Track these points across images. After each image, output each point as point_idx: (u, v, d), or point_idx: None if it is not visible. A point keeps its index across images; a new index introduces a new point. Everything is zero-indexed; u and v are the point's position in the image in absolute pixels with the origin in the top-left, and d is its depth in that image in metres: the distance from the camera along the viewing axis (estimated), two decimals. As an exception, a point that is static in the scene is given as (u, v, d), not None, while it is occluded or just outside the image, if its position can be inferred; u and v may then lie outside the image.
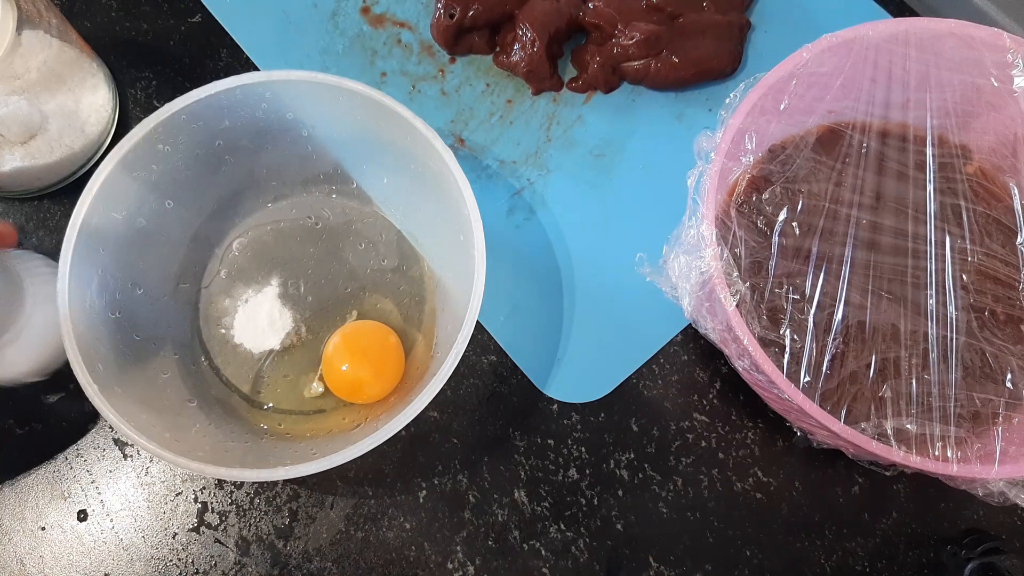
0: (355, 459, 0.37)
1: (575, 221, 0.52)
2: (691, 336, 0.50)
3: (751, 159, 0.43)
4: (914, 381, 0.41)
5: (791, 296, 0.43)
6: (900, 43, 0.44)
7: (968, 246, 0.44)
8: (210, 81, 0.42)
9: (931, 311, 0.43)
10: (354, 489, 0.47)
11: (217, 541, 0.46)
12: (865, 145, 0.46)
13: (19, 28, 0.43)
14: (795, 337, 0.42)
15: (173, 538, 0.46)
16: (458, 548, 0.46)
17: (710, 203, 0.40)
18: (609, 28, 0.53)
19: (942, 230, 0.44)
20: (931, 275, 0.43)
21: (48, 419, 0.47)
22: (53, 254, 0.40)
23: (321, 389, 0.46)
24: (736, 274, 0.39)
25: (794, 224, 0.44)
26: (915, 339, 0.42)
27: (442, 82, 0.55)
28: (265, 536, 0.46)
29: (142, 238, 0.44)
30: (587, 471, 0.48)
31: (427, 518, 0.46)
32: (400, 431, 0.38)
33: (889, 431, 0.39)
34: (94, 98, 0.51)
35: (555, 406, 0.49)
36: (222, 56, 0.55)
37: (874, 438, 0.37)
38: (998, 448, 0.39)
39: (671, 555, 0.46)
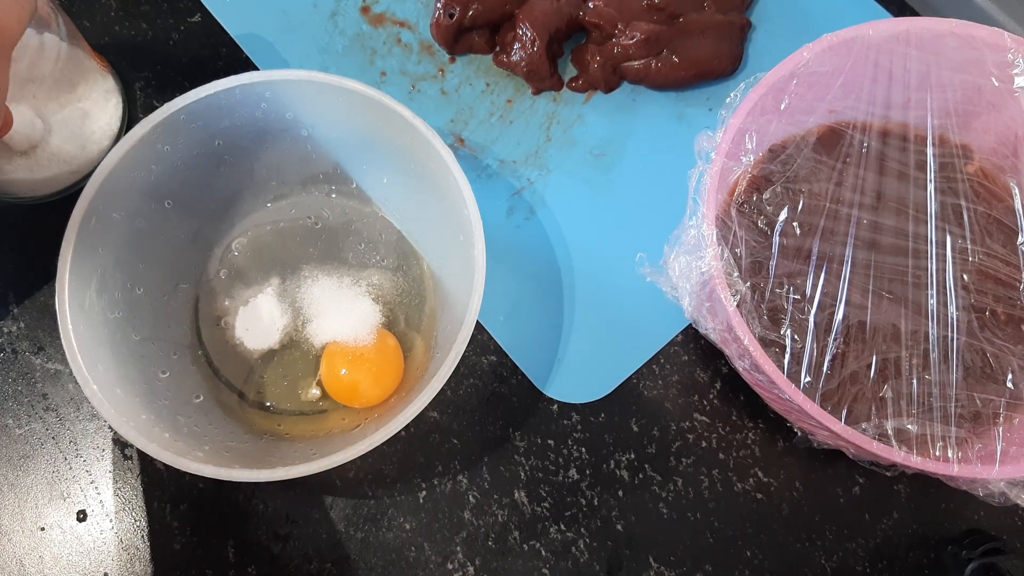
0: (355, 459, 0.37)
1: (575, 221, 0.52)
2: (691, 336, 0.50)
3: (751, 159, 0.43)
4: (915, 381, 0.41)
5: (792, 296, 0.43)
6: (901, 43, 0.44)
7: (969, 246, 0.44)
8: (210, 81, 0.42)
9: (932, 311, 0.43)
10: (354, 490, 0.47)
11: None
12: (866, 145, 0.46)
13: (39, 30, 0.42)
14: (796, 337, 0.42)
15: (172, 538, 0.46)
16: (458, 548, 0.46)
17: (710, 203, 0.40)
18: (609, 28, 0.53)
19: (943, 230, 0.44)
20: (932, 275, 0.43)
21: (48, 419, 0.47)
22: (53, 254, 0.40)
23: (318, 393, 0.46)
24: (737, 274, 0.39)
25: (795, 224, 0.44)
26: (916, 339, 0.42)
27: (442, 82, 0.55)
28: (264, 537, 0.46)
29: (142, 238, 0.44)
30: (587, 471, 0.47)
31: (427, 519, 0.46)
32: (400, 431, 0.38)
33: (890, 431, 0.39)
34: (102, 115, 0.50)
35: (555, 406, 0.48)
36: (222, 56, 0.55)
37: (875, 438, 0.37)
38: (999, 448, 0.39)
39: (671, 555, 0.46)
